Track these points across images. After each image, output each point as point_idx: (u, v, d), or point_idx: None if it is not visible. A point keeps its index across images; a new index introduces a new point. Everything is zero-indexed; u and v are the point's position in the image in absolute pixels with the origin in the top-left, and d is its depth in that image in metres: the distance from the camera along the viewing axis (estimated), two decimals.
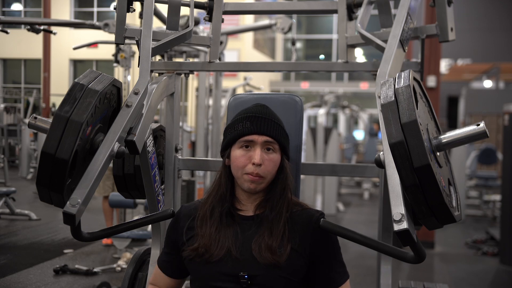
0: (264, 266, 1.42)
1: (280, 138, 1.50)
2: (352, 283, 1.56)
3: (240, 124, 1.50)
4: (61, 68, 17.66)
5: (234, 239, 1.47)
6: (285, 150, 1.53)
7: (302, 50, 22.38)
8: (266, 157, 1.47)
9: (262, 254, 1.42)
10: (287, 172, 1.52)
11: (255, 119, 1.49)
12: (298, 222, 1.49)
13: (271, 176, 1.49)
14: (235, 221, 1.50)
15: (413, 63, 1.99)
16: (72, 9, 18.56)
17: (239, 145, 1.49)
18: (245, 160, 1.47)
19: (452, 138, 1.31)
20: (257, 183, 1.47)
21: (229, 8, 2.18)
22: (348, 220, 7.82)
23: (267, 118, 1.50)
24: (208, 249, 1.46)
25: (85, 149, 1.49)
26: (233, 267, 1.44)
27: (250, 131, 1.48)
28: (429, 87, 6.27)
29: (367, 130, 13.47)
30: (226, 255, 1.45)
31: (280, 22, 6.52)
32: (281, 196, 1.49)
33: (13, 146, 12.49)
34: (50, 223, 6.61)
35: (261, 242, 1.44)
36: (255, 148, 1.47)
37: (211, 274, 1.45)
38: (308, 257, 1.47)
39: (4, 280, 4.29)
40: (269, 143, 1.48)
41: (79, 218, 1.39)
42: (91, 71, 1.52)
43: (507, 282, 4.99)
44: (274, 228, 1.45)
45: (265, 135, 1.47)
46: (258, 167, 1.45)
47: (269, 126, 1.49)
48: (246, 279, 1.42)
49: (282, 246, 1.44)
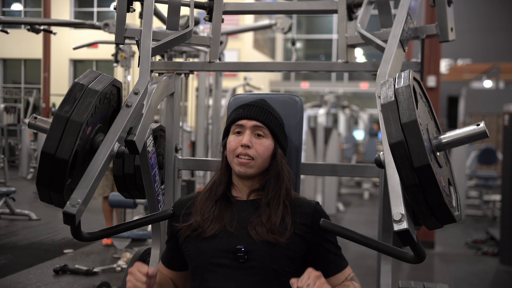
0: (261, 242, 1.44)
1: (270, 124, 1.54)
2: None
3: (234, 112, 1.58)
4: (61, 68, 17.66)
5: (230, 219, 1.50)
6: (278, 138, 1.56)
7: (302, 50, 22.38)
8: (255, 140, 1.52)
9: (258, 231, 1.44)
10: (281, 160, 1.55)
11: (247, 106, 1.57)
12: (298, 208, 1.52)
13: (261, 160, 1.52)
14: (231, 203, 1.53)
15: (413, 63, 1.99)
16: (72, 9, 18.56)
17: (232, 131, 1.56)
18: (235, 143, 1.52)
19: (452, 138, 1.31)
20: (246, 166, 1.50)
21: (229, 8, 2.18)
22: (348, 220, 7.82)
23: (259, 106, 1.57)
24: (201, 225, 1.49)
25: (85, 149, 1.49)
26: (228, 243, 1.45)
27: (241, 116, 1.54)
28: (429, 87, 6.27)
29: (367, 130, 13.47)
30: (221, 231, 1.47)
31: (280, 22, 6.53)
32: (277, 181, 1.52)
33: (13, 146, 12.49)
34: (50, 223, 6.61)
35: (258, 221, 1.46)
36: (245, 132, 1.53)
37: (207, 250, 1.47)
38: (308, 242, 1.48)
39: (4, 280, 4.29)
40: (258, 127, 1.53)
41: (79, 218, 1.39)
42: (91, 71, 1.52)
43: (507, 282, 4.99)
44: (272, 211, 1.48)
45: (254, 119, 1.53)
46: (247, 148, 1.50)
47: (259, 112, 1.55)
48: (243, 253, 1.43)
49: (284, 227, 1.46)
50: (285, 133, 1.61)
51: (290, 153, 1.75)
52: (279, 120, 1.59)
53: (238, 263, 1.43)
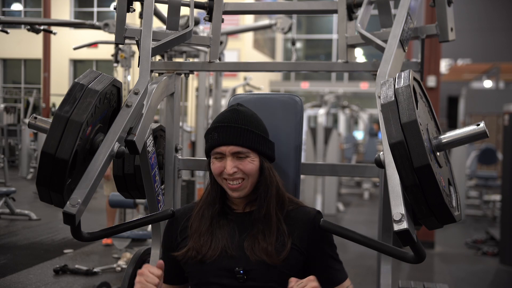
0: (257, 262, 1.43)
1: (250, 144, 1.47)
2: (352, 283, 1.56)
3: (210, 135, 1.50)
4: (61, 68, 17.67)
5: (228, 237, 1.48)
6: (262, 152, 1.50)
7: (302, 50, 22.38)
8: (239, 162, 1.47)
9: (255, 255, 1.43)
10: (270, 172, 1.51)
11: (222, 129, 1.47)
12: (296, 219, 1.50)
13: (252, 177, 1.49)
14: (229, 217, 1.52)
15: (413, 63, 1.99)
16: (72, 9, 18.56)
17: (213, 156, 1.50)
18: (219, 169, 1.48)
19: (452, 138, 1.31)
20: (239, 190, 1.48)
21: (229, 8, 2.18)
22: (348, 220, 7.81)
23: (235, 126, 1.47)
24: (199, 251, 1.47)
25: (85, 149, 1.49)
26: (228, 263, 1.45)
27: (218, 143, 1.47)
28: (429, 87, 6.27)
29: (367, 130, 13.47)
30: (221, 253, 1.46)
31: (280, 22, 6.53)
32: (265, 197, 1.49)
33: (13, 146, 12.49)
34: (50, 223, 6.61)
35: (255, 245, 1.45)
36: (226, 159, 1.47)
37: (207, 270, 1.46)
38: (305, 254, 1.48)
39: (4, 280, 4.29)
40: (239, 152, 1.47)
41: (79, 218, 1.39)
42: (91, 71, 1.52)
43: (507, 282, 4.99)
44: (267, 230, 1.46)
45: (233, 144, 1.46)
46: (233, 175, 1.46)
47: (235, 134, 1.46)
48: (242, 274, 1.43)
49: (282, 242, 1.45)
50: (268, 141, 1.53)
51: (290, 153, 1.75)
52: (258, 132, 1.50)
53: (238, 282, 1.44)
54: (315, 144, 8.29)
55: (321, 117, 8.53)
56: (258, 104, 1.80)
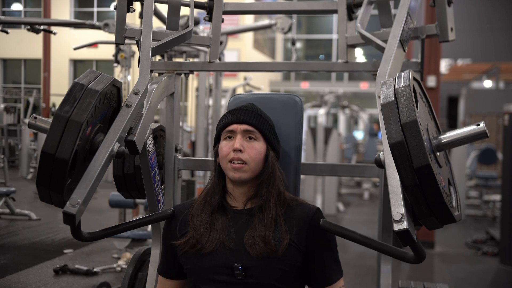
0: (257, 257, 1.43)
1: (261, 127, 1.53)
2: (352, 283, 1.56)
3: (223, 118, 1.56)
4: (61, 68, 17.67)
5: (227, 231, 1.48)
6: (270, 141, 1.55)
7: (302, 50, 22.38)
8: (247, 144, 1.51)
9: (255, 246, 1.43)
10: (273, 163, 1.53)
11: (237, 111, 1.55)
12: (294, 216, 1.50)
13: (255, 163, 1.50)
14: (227, 213, 1.52)
15: (413, 63, 1.99)
16: (72, 9, 18.56)
17: (223, 137, 1.54)
18: (227, 149, 1.51)
19: (452, 138, 1.31)
20: (240, 171, 1.49)
21: (229, 8, 2.18)
22: (348, 220, 7.82)
23: (249, 110, 1.56)
24: (199, 240, 1.48)
25: (85, 149, 1.49)
26: (227, 259, 1.45)
27: (231, 121, 1.53)
28: (429, 87, 6.27)
29: (367, 130, 13.47)
30: (219, 247, 1.46)
31: (280, 22, 6.53)
32: (268, 186, 1.50)
33: (13, 146, 12.49)
34: (50, 223, 6.61)
35: (253, 234, 1.45)
36: (236, 136, 1.52)
37: (205, 266, 1.47)
38: (303, 251, 1.47)
39: (4, 280, 4.29)
40: (249, 131, 1.52)
41: (79, 218, 1.39)
42: (91, 71, 1.52)
43: (507, 282, 4.99)
44: (266, 218, 1.47)
45: (244, 123, 1.52)
46: (239, 152, 1.49)
47: (249, 116, 1.54)
48: (241, 271, 1.43)
49: (280, 238, 1.45)
50: (276, 136, 1.59)
51: (290, 153, 1.75)
52: (269, 123, 1.57)
53: (237, 279, 1.44)
54: (315, 144, 8.30)
55: (321, 117, 8.53)
56: (258, 104, 1.80)
